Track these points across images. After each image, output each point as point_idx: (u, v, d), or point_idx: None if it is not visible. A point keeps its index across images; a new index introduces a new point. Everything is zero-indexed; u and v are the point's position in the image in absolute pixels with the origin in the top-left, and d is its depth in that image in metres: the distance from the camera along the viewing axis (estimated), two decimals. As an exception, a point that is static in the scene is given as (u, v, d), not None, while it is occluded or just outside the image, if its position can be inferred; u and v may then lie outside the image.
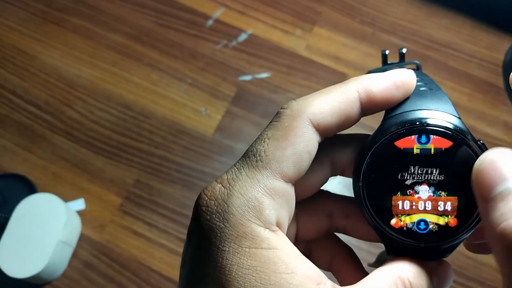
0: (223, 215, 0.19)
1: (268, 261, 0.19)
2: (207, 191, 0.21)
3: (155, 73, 0.69)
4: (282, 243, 0.20)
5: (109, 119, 0.65)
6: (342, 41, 0.71)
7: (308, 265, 0.20)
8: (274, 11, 0.73)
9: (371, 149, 0.22)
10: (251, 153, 0.21)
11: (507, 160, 0.19)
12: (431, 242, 0.22)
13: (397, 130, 0.21)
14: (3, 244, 0.53)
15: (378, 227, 0.22)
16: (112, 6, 0.73)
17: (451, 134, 0.21)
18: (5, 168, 0.62)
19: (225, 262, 0.19)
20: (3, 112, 0.66)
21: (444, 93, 0.22)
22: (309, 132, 0.21)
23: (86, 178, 0.62)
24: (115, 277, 0.57)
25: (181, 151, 0.64)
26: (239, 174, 0.20)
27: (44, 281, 0.56)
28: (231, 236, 0.19)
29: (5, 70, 0.69)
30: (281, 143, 0.20)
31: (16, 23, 0.72)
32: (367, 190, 0.22)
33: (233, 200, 0.20)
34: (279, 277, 0.19)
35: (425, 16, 0.74)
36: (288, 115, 0.21)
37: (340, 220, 0.25)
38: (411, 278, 0.20)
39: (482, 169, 0.19)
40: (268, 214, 0.20)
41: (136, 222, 0.60)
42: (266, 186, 0.20)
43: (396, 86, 0.22)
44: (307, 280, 0.19)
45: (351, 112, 0.21)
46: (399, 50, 0.25)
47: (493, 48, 0.72)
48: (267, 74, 0.69)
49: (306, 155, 0.21)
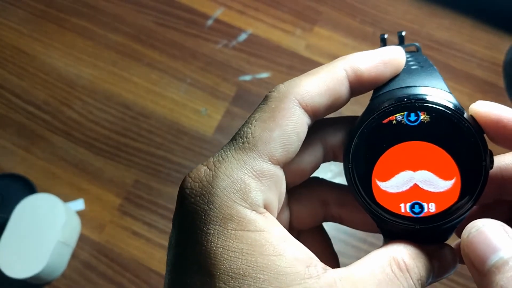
0: (208, 197, 0.19)
1: (254, 243, 0.18)
2: (192, 174, 0.20)
3: (154, 73, 0.69)
4: (269, 225, 0.19)
5: (109, 119, 0.65)
6: (342, 41, 0.71)
7: (297, 246, 0.19)
8: (274, 10, 0.73)
9: (359, 129, 0.21)
10: (238, 136, 0.20)
11: (495, 230, 0.18)
12: (428, 223, 0.21)
13: (384, 109, 0.21)
14: (2, 245, 0.53)
15: (370, 210, 0.21)
16: (112, 6, 0.73)
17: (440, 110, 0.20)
18: (4, 168, 0.62)
19: (210, 245, 0.18)
20: (2, 112, 0.66)
21: (436, 70, 0.22)
22: (297, 113, 0.20)
23: (85, 178, 0.62)
24: (115, 278, 0.57)
25: (181, 151, 0.64)
26: (225, 156, 0.20)
27: (43, 281, 0.56)
28: (216, 218, 0.19)
29: (4, 70, 0.69)
30: (268, 125, 0.20)
31: (15, 23, 0.72)
32: (357, 171, 0.21)
33: (219, 182, 0.19)
34: (267, 259, 0.18)
35: (425, 16, 0.74)
36: (275, 97, 0.20)
37: (335, 208, 0.25)
38: (406, 259, 0.20)
39: (471, 241, 0.18)
40: (255, 196, 0.19)
41: (136, 223, 0.60)
42: (253, 168, 0.19)
43: (384, 63, 0.21)
44: (296, 262, 0.18)
45: (340, 91, 0.21)
46: (398, 33, 0.24)
47: (493, 48, 0.72)
48: (267, 74, 0.69)
49: (294, 137, 0.20)
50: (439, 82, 0.21)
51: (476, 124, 0.20)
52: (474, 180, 0.20)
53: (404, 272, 0.19)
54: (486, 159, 0.20)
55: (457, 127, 0.20)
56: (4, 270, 0.52)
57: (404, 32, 0.24)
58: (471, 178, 0.20)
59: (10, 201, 0.58)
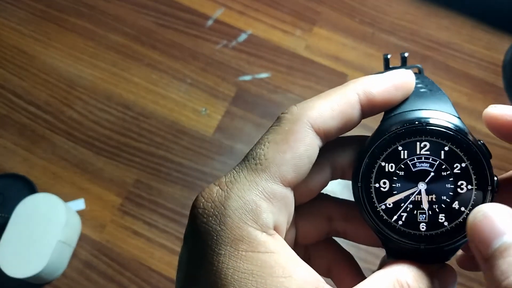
0: (220, 218, 0.19)
1: (264, 264, 0.19)
2: (204, 193, 0.20)
3: (155, 73, 0.69)
4: (279, 247, 0.19)
5: (109, 119, 0.65)
6: (341, 41, 0.71)
7: (306, 268, 0.20)
8: (274, 11, 0.74)
9: (370, 150, 0.22)
10: (250, 157, 0.21)
11: (501, 214, 0.18)
12: (432, 244, 0.21)
13: (396, 130, 0.21)
14: (3, 244, 0.53)
15: (378, 229, 0.22)
16: (112, 6, 0.73)
17: (450, 134, 0.21)
18: (5, 168, 0.62)
19: (221, 266, 0.19)
20: (3, 112, 0.66)
21: (444, 94, 0.22)
22: (310, 136, 0.21)
23: (86, 178, 0.62)
24: (115, 277, 0.57)
25: (181, 151, 0.64)
26: (238, 177, 0.20)
27: (44, 281, 0.56)
28: (228, 239, 0.19)
29: (5, 70, 0.69)
30: (281, 147, 0.20)
31: (16, 23, 0.72)
32: (366, 192, 0.22)
33: (231, 203, 0.19)
34: (276, 281, 0.18)
35: (424, 16, 0.74)
36: (288, 119, 0.21)
37: (339, 224, 0.25)
38: (410, 281, 0.20)
39: (476, 224, 0.19)
40: (266, 218, 0.19)
41: (136, 222, 0.60)
42: (265, 190, 0.20)
43: (395, 87, 0.22)
44: (305, 284, 0.19)
45: (352, 114, 0.21)
46: (401, 54, 0.25)
47: (492, 48, 0.72)
48: (267, 74, 0.69)
49: (306, 159, 0.20)
50: (448, 107, 0.22)
51: (484, 150, 0.21)
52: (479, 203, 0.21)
53: None
54: (492, 184, 0.21)
55: (465, 151, 0.21)
56: (5, 270, 0.52)
57: (407, 54, 0.25)
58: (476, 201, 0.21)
59: (11, 200, 0.58)
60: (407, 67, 0.24)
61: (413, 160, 0.21)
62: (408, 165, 0.21)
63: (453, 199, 0.21)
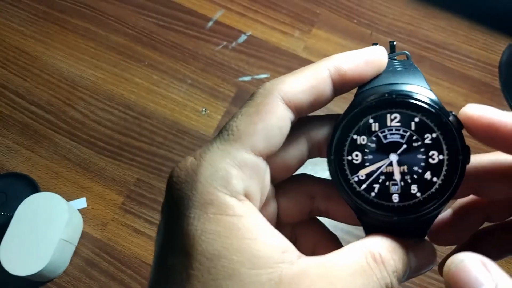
0: (192, 184, 0.20)
1: (232, 226, 0.19)
2: (180, 164, 0.21)
3: (155, 74, 0.69)
4: (248, 211, 0.20)
5: (111, 119, 0.66)
6: (340, 42, 0.72)
7: (274, 233, 0.20)
8: (273, 12, 0.74)
9: (342, 123, 0.22)
10: (224, 129, 0.21)
11: (474, 265, 0.18)
12: (405, 215, 0.21)
13: (367, 103, 0.22)
14: (5, 243, 0.54)
15: (351, 201, 0.22)
16: (113, 7, 0.74)
17: (420, 105, 0.21)
18: (7, 167, 0.63)
19: (190, 227, 0.19)
20: (6, 112, 0.66)
21: (419, 70, 0.23)
22: (280, 108, 0.21)
23: (88, 177, 0.62)
24: (117, 275, 0.58)
25: (182, 151, 0.65)
26: (211, 147, 0.21)
27: (46, 279, 0.56)
28: (198, 203, 0.19)
29: (7, 70, 0.69)
30: (252, 118, 0.21)
31: (18, 24, 0.72)
32: (339, 164, 0.22)
33: (202, 170, 0.20)
34: (242, 242, 0.19)
35: (422, 17, 0.75)
36: (261, 94, 0.22)
37: (321, 202, 0.25)
38: (382, 252, 0.20)
39: (452, 277, 0.19)
40: (236, 184, 0.20)
41: (137, 220, 0.60)
42: (236, 158, 0.20)
43: (366, 63, 0.22)
44: (271, 247, 0.19)
45: (323, 89, 0.22)
46: (390, 42, 0.25)
47: (489, 49, 0.73)
48: (266, 75, 0.70)
49: (277, 130, 0.21)
50: (420, 80, 0.22)
51: (456, 120, 0.21)
52: (451, 173, 0.21)
53: (379, 264, 0.20)
54: (464, 154, 0.21)
55: (437, 122, 0.21)
56: (7, 268, 0.52)
57: (396, 42, 0.25)
58: (448, 171, 0.21)
59: (13, 199, 0.58)
60: (395, 54, 0.25)
61: (384, 132, 0.22)
62: (379, 137, 0.22)
63: (425, 170, 0.21)
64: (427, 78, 0.23)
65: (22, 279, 0.53)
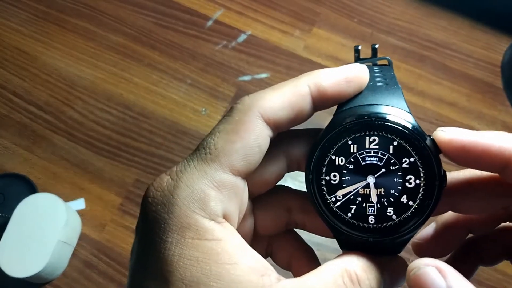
0: (168, 206, 0.19)
1: (210, 251, 0.19)
2: (155, 183, 0.21)
3: (155, 73, 0.69)
4: (227, 235, 0.19)
5: (110, 119, 0.66)
6: (340, 41, 0.72)
7: (253, 256, 0.20)
8: (273, 12, 0.74)
9: (321, 143, 0.22)
10: (201, 147, 0.21)
11: (431, 274, 0.19)
12: (381, 236, 0.22)
13: (346, 124, 0.22)
14: (3, 244, 0.54)
15: (328, 221, 0.22)
16: (112, 7, 0.73)
17: (399, 129, 0.21)
18: (5, 168, 0.62)
19: (167, 253, 0.19)
20: (4, 112, 0.66)
21: (399, 88, 0.22)
22: (260, 126, 0.21)
23: (86, 178, 0.62)
24: (115, 276, 0.57)
25: (181, 151, 0.64)
26: (188, 167, 0.20)
27: (44, 281, 0.56)
28: (175, 227, 0.19)
29: (6, 70, 0.69)
30: (231, 137, 0.20)
31: (17, 24, 0.72)
32: (317, 184, 0.22)
33: (179, 192, 0.20)
34: (221, 268, 0.18)
35: (423, 17, 0.74)
36: (239, 110, 0.21)
37: (298, 215, 0.25)
38: (358, 271, 0.20)
39: (412, 282, 0.19)
40: (214, 206, 0.20)
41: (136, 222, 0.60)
42: (214, 179, 0.20)
43: (346, 81, 0.22)
44: (251, 271, 0.19)
45: (302, 106, 0.21)
46: (372, 45, 0.25)
47: (491, 49, 0.72)
48: (266, 74, 0.69)
49: (256, 149, 0.21)
50: (400, 102, 0.22)
51: (433, 144, 0.21)
52: (427, 197, 0.21)
53: (355, 283, 0.20)
54: (440, 179, 0.21)
55: (415, 146, 0.21)
56: (5, 269, 0.52)
57: (377, 45, 0.25)
58: (424, 195, 0.21)
59: (11, 200, 0.58)
60: (377, 58, 0.24)
61: (363, 154, 0.22)
62: (357, 159, 0.22)
63: (402, 194, 0.21)
64: (428, 78, 0.23)
65: (20, 281, 0.53)
